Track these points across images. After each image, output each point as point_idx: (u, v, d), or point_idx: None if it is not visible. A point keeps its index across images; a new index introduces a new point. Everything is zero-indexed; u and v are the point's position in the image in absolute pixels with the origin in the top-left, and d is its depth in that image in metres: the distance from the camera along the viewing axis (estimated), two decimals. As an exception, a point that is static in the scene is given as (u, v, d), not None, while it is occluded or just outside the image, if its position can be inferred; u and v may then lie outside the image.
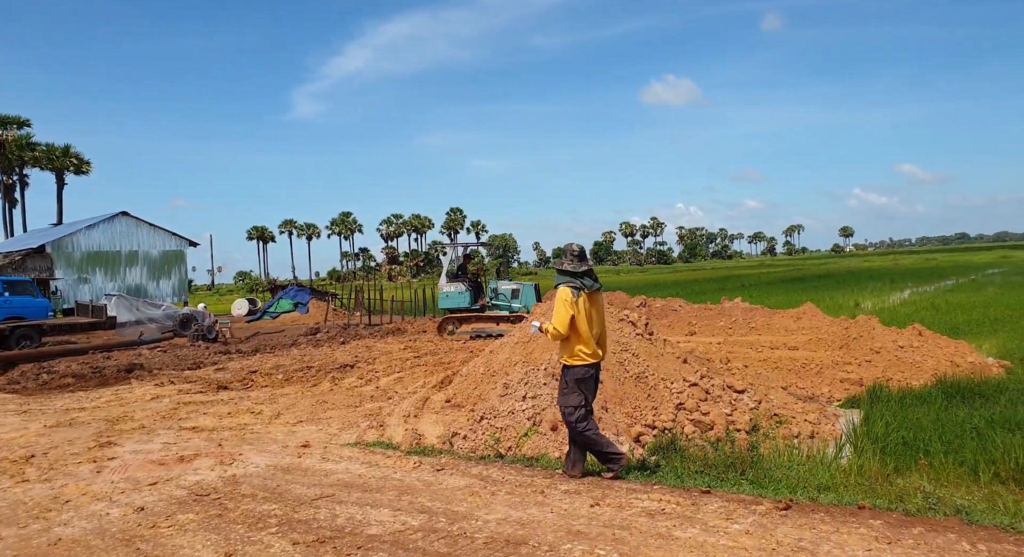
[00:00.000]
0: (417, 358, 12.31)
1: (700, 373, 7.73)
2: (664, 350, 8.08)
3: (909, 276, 39.24)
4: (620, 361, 7.66)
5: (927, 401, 7.55)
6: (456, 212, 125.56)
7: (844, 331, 11.12)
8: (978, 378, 8.28)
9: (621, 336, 8.07)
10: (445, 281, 16.27)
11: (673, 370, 7.69)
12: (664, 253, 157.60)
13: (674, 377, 7.53)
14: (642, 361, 7.67)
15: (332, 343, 15.54)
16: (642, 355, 7.79)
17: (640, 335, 8.17)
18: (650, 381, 7.42)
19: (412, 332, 18.24)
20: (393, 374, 10.40)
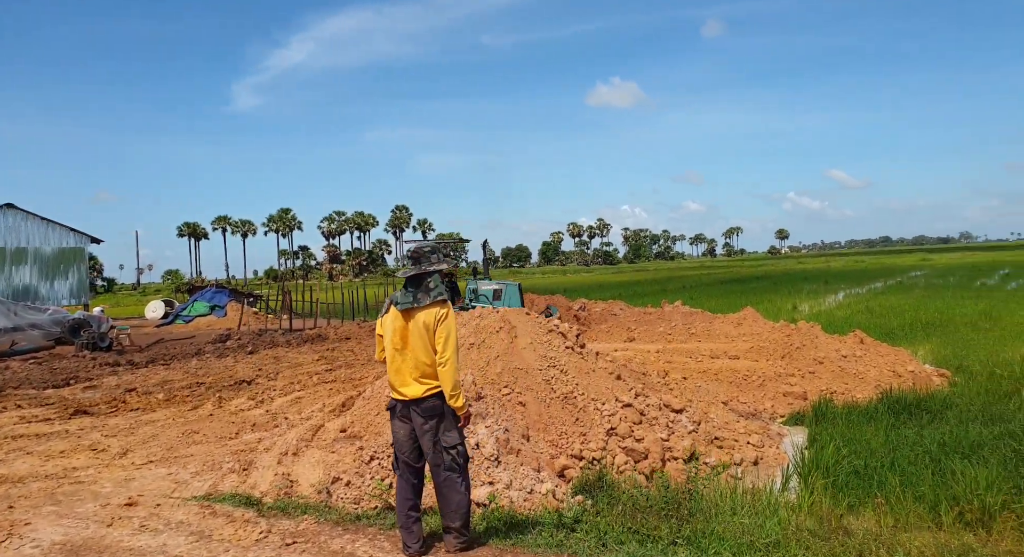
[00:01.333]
0: (329, 371, 11.09)
1: (635, 391, 6.84)
2: (596, 365, 7.15)
3: (841, 278, 39.97)
4: (547, 379, 6.70)
5: (873, 418, 6.90)
6: (402, 210, 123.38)
7: (786, 339, 10.48)
8: (921, 391, 7.69)
9: (549, 350, 7.11)
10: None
11: (605, 388, 6.77)
12: (610, 254, 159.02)
13: (606, 397, 6.61)
14: (571, 379, 6.73)
15: (239, 353, 14.12)
16: (571, 371, 6.85)
17: (570, 348, 7.23)
18: (579, 402, 6.48)
19: (335, 339, 16.91)
20: (292, 393, 9.18)
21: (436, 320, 3.71)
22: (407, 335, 3.73)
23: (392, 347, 3.77)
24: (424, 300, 3.72)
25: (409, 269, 3.83)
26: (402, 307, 3.73)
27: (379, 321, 3.91)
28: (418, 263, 3.82)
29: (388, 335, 3.79)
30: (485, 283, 14.97)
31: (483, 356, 7.02)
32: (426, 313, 3.72)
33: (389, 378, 3.85)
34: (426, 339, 3.70)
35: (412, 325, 3.72)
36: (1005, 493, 4.42)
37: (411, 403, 3.74)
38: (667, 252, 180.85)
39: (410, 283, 3.78)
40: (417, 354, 3.71)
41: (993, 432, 5.73)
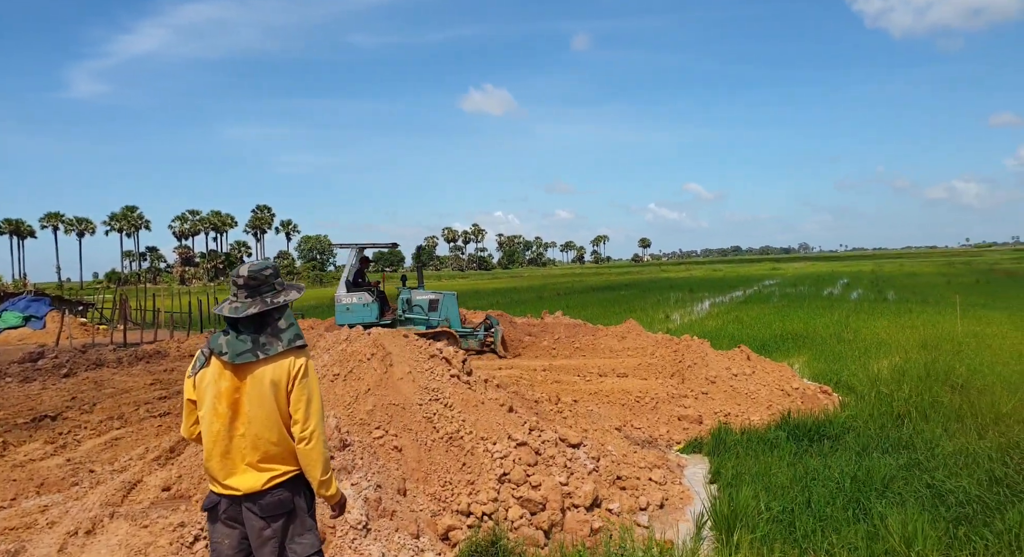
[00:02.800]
0: (163, 400, 9.34)
1: (529, 425, 5.96)
2: (486, 395, 6.20)
3: (703, 286, 41.88)
4: (428, 416, 5.67)
5: (775, 445, 6.48)
6: (264, 210, 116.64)
7: (673, 354, 10.10)
8: (817, 414, 7.44)
9: (431, 380, 6.08)
10: (344, 290, 13.14)
11: (496, 424, 5.83)
12: (485, 259, 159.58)
13: (497, 434, 5.68)
14: (457, 414, 5.73)
15: (52, 375, 11.81)
16: (457, 405, 5.85)
17: (456, 377, 6.23)
18: (466, 443, 5.49)
19: (176, 356, 14.77)
20: (109, 432, 7.47)
21: (291, 376, 2.55)
22: (240, 401, 2.53)
23: (216, 419, 2.54)
24: (272, 347, 2.54)
25: (243, 303, 2.57)
26: (237, 359, 2.51)
27: (190, 380, 2.66)
28: (256, 293, 2.58)
29: (208, 401, 2.56)
30: (419, 293, 13.51)
31: (351, 390, 5.86)
32: (275, 367, 2.54)
33: (207, 465, 2.61)
34: (272, 405, 2.53)
35: (250, 385, 2.53)
36: (941, 552, 3.98)
37: (245, 499, 2.56)
38: (539, 258, 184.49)
39: (244, 323, 2.56)
40: (256, 428, 2.53)
41: (899, 461, 5.41)
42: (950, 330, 13.79)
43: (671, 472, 6.35)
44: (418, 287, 13.76)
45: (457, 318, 13.37)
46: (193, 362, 2.66)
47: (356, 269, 13.50)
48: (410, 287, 13.69)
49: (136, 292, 28.28)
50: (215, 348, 2.56)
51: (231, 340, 2.55)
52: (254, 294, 2.58)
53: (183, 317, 23.47)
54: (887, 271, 52.90)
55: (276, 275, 2.65)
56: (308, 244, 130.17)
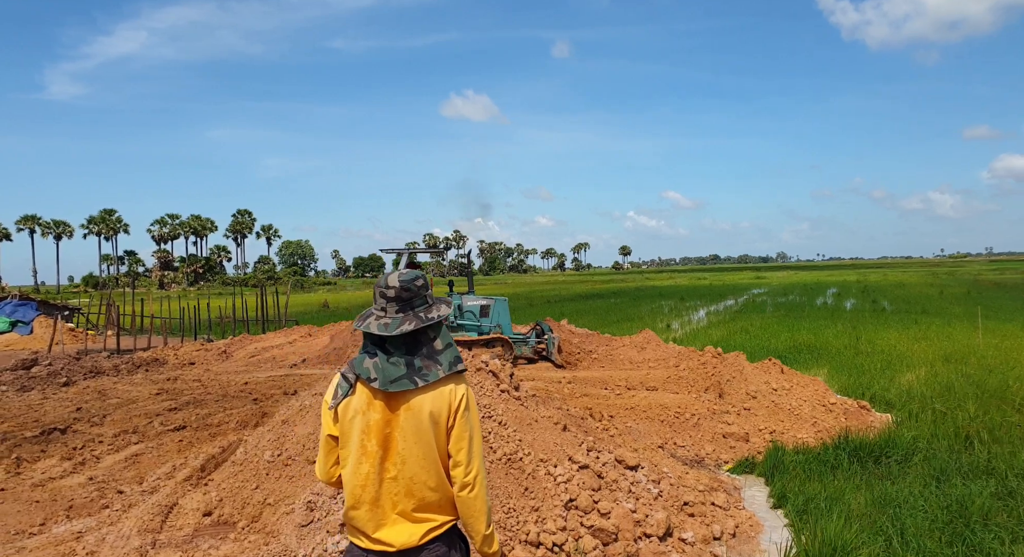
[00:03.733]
0: (174, 411, 8.88)
1: (586, 445, 5.66)
2: (538, 413, 5.88)
3: (693, 295, 41.92)
4: (483, 436, 5.30)
5: (835, 466, 6.23)
6: (244, 214, 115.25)
7: (702, 366, 9.85)
8: (869, 431, 7.21)
9: (481, 395, 5.74)
10: None
11: (553, 444, 5.52)
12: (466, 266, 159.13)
13: (556, 456, 5.36)
14: (512, 433, 5.40)
15: (49, 384, 11.26)
16: (511, 424, 5.52)
17: (506, 392, 5.90)
18: (526, 465, 5.16)
19: (175, 364, 14.25)
20: (127, 447, 7.02)
21: (453, 409, 2.14)
22: (392, 436, 2.12)
23: (365, 459, 2.12)
24: (432, 373, 2.12)
25: (394, 319, 2.14)
26: (391, 386, 2.08)
27: (330, 410, 2.19)
28: (409, 307, 2.16)
29: (354, 437, 2.13)
30: (470, 298, 12.98)
31: (400, 406, 5.51)
32: (435, 397, 2.12)
33: (352, 514, 2.16)
34: (431, 443, 2.12)
35: (405, 418, 2.11)
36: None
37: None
38: (521, 265, 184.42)
39: (394, 343, 2.13)
40: (411, 470, 2.12)
41: (988, 489, 5.15)
42: (967, 343, 13.71)
43: (727, 494, 6.08)
44: (468, 292, 13.29)
45: (509, 324, 13.02)
46: (332, 388, 2.21)
47: None
48: (459, 292, 13.28)
49: (123, 296, 27.49)
50: (361, 373, 2.11)
51: (381, 363, 2.10)
52: (406, 308, 2.15)
53: (173, 323, 22.83)
54: (873, 281, 53.37)
55: (427, 287, 2.25)
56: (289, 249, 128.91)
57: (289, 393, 10.12)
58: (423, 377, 2.11)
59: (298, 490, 5.00)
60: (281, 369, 12.99)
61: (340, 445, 2.19)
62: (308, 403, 5.93)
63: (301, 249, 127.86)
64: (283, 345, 16.54)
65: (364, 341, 2.20)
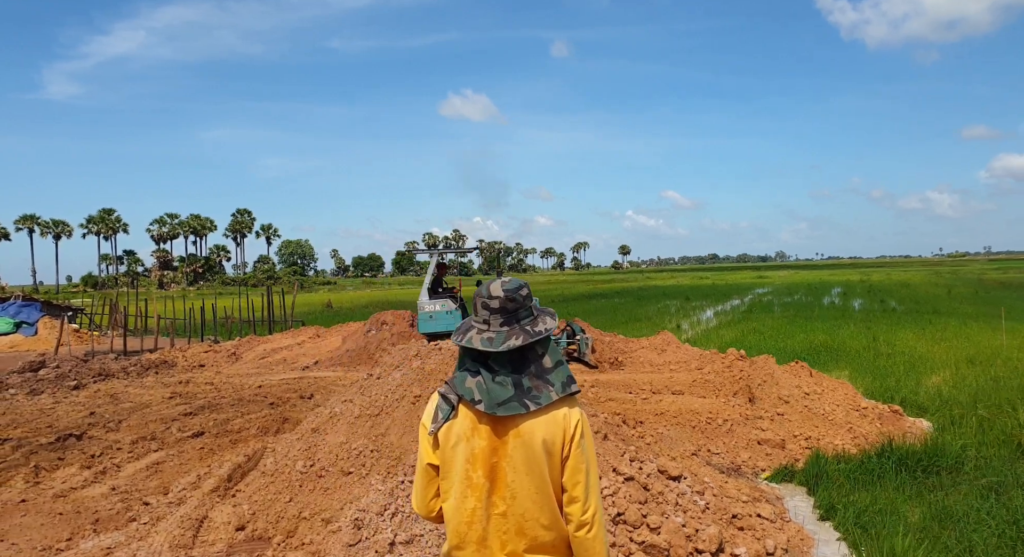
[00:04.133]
0: (190, 416, 8.67)
1: (628, 455, 5.46)
2: (575, 423, 5.68)
3: (697, 295, 41.75)
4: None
5: (881, 476, 6.03)
6: (244, 214, 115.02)
7: (727, 369, 9.66)
8: (905, 436, 7.02)
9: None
10: (426, 298, 12.46)
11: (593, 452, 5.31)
12: (465, 265, 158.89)
13: (600, 467, 5.15)
14: (551, 445, 5.19)
15: (59, 387, 11.05)
16: (550, 435, 5.31)
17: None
18: (569, 479, 4.94)
19: (185, 366, 14.03)
20: (147, 454, 6.81)
21: (568, 437, 1.88)
22: (500, 467, 1.88)
23: (471, 493, 1.89)
24: (544, 395, 1.86)
25: (498, 333, 1.89)
26: (499, 410, 1.84)
27: (428, 436, 1.95)
28: (514, 320, 1.91)
29: (458, 467, 1.90)
30: None
31: (436, 414, 5.30)
32: (547, 423, 1.87)
33: (454, 555, 1.94)
34: (543, 475, 1.86)
35: (514, 446, 1.86)
36: None
37: None
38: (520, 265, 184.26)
39: (498, 360, 1.88)
40: (522, 506, 1.87)
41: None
42: (989, 344, 13.53)
43: (774, 506, 5.88)
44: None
45: None
46: (431, 410, 1.96)
47: (435, 275, 12.94)
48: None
49: (127, 296, 27.25)
50: (464, 393, 1.87)
51: (486, 383, 1.86)
52: (511, 321, 1.90)
53: (178, 323, 22.61)
54: (876, 280, 53.21)
55: (532, 296, 2.01)
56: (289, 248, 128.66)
57: (305, 397, 9.92)
58: (534, 400, 1.85)
59: (334, 503, 4.80)
60: (293, 371, 12.78)
61: (441, 475, 1.95)
62: (339, 410, 5.72)
63: (301, 249, 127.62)
64: (292, 347, 16.33)
65: (461, 357, 1.98)
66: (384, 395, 5.60)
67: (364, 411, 5.50)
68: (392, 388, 5.68)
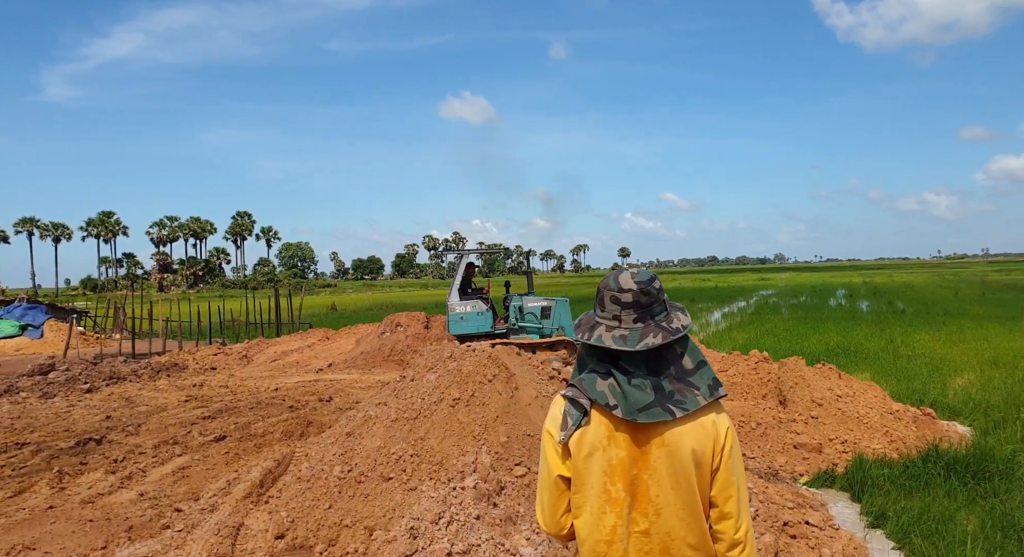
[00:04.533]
0: (209, 420, 8.51)
1: (674, 462, 5.30)
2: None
3: (701, 297, 41.59)
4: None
5: (928, 482, 5.87)
6: (244, 216, 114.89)
7: (754, 371, 9.52)
8: (943, 440, 6.87)
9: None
10: (456, 299, 12.26)
11: (640, 460, 5.16)
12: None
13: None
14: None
15: (72, 390, 10.88)
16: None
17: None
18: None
19: (196, 369, 13.86)
20: (171, 459, 6.64)
21: (719, 447, 1.70)
22: (641, 479, 1.70)
23: (609, 508, 1.71)
24: (690, 400, 1.68)
25: (632, 330, 1.69)
26: (641, 416, 1.65)
27: (556, 445, 1.77)
28: (648, 315, 1.71)
29: (594, 480, 1.72)
30: (531, 299, 12.65)
31: (476, 418, 5.15)
32: (695, 431, 1.68)
33: None
34: (692, 489, 1.68)
35: (658, 457, 1.68)
36: None
37: None
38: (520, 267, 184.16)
39: (632, 361, 1.69)
40: (668, 523, 1.69)
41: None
42: (1009, 346, 13.40)
43: (820, 513, 5.72)
44: (528, 293, 12.99)
45: (571, 326, 12.70)
46: (557, 416, 1.77)
47: (465, 276, 12.78)
48: (520, 293, 13.02)
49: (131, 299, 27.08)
50: (597, 397, 1.69)
51: (621, 386, 1.67)
52: (645, 316, 1.71)
53: (185, 326, 22.42)
54: (879, 282, 53.11)
55: (661, 290, 1.79)
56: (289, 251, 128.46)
57: (324, 399, 9.76)
58: (679, 405, 1.67)
59: (376, 510, 4.64)
60: (308, 374, 12.62)
61: (573, 488, 1.77)
62: (373, 414, 5.56)
63: (301, 251, 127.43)
64: (302, 349, 16.17)
65: (583, 357, 1.79)
66: (420, 398, 5.44)
67: (401, 414, 5.34)
68: (428, 390, 5.52)
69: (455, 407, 5.25)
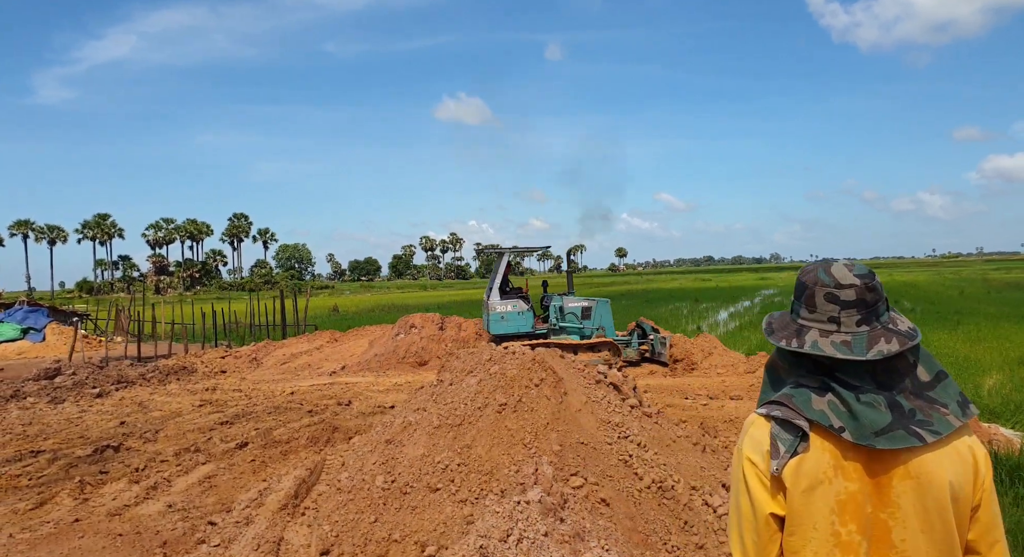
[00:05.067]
0: (227, 425, 8.24)
1: (727, 467, 5.06)
2: (673, 432, 5.29)
3: (704, 296, 41.42)
4: (623, 459, 4.75)
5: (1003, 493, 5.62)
6: (240, 218, 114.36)
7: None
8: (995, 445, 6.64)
9: (610, 413, 5.16)
10: (497, 298, 12.07)
11: (698, 467, 4.93)
12: (462, 268, 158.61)
13: (707, 482, 4.76)
14: (654, 457, 4.81)
15: (81, 395, 10.58)
16: (651, 445, 4.93)
17: (634, 408, 5.31)
18: (680, 495, 4.56)
19: (206, 373, 13.57)
20: (195, 467, 6.37)
21: (981, 479, 1.40)
22: (880, 520, 1.39)
23: (836, 551, 1.40)
24: (939, 421, 1.36)
25: (858, 335, 1.40)
26: (880, 442, 1.33)
27: (761, 475, 1.42)
28: (874, 317, 1.42)
29: (818, 518, 1.39)
30: (571, 299, 12.48)
31: (526, 425, 4.90)
32: (951, 459, 1.37)
33: None
34: (950, 532, 1.37)
35: (902, 492, 1.37)
36: None
37: None
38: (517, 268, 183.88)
39: (856, 373, 1.39)
40: None
41: None
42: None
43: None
44: (568, 293, 12.69)
45: (612, 326, 12.56)
46: (763, 440, 1.43)
47: (504, 274, 12.58)
48: (559, 293, 12.75)
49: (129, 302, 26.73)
50: (817, 418, 1.37)
51: (846, 404, 1.37)
52: (871, 318, 1.42)
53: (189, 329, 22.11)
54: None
55: (880, 286, 1.48)
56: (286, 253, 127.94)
57: (343, 403, 9.50)
58: (926, 427, 1.35)
59: (425, 524, 4.39)
60: (322, 377, 12.34)
61: (789, 530, 1.44)
62: (413, 420, 5.31)
63: (299, 253, 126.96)
64: (311, 351, 15.88)
65: (789, 366, 1.48)
66: (463, 403, 5.19)
67: (444, 421, 5.09)
68: (470, 396, 5.27)
69: (502, 413, 5.00)
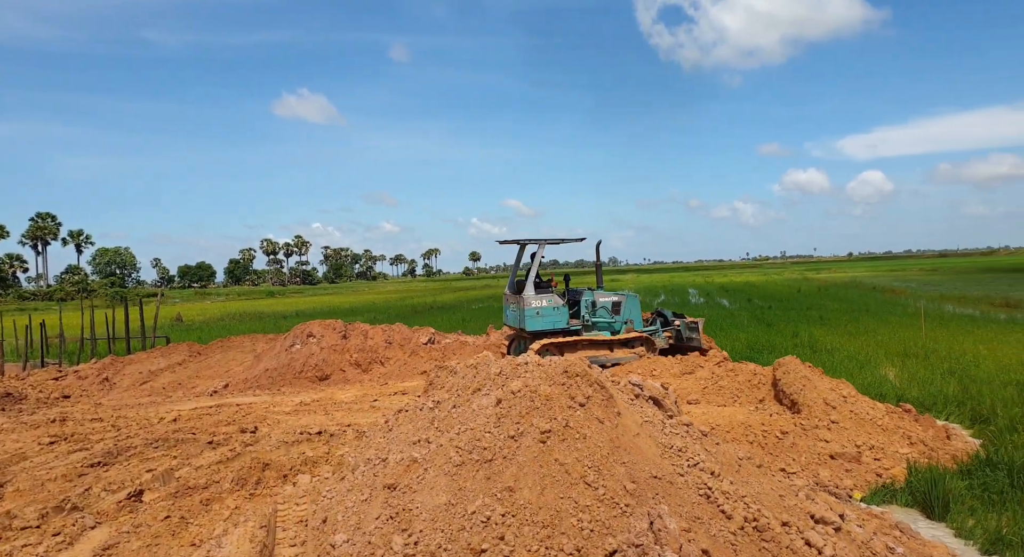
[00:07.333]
0: (101, 467, 6.37)
1: (803, 492, 4.40)
2: (732, 451, 4.53)
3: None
4: (701, 493, 3.93)
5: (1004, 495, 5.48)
6: (46, 218, 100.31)
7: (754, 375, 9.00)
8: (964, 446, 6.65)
9: (665, 434, 4.31)
10: (532, 292, 11.13)
11: (775, 495, 4.21)
12: (309, 273, 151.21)
13: (793, 514, 4.04)
14: (732, 487, 4.01)
15: None
16: (723, 473, 4.12)
17: (688, 426, 4.49)
18: (776, 534, 3.79)
19: (41, 399, 10.95)
20: (82, 533, 4.64)
21: None
22: None
23: None
24: None
25: None
26: None
27: None
28: None
29: None
30: (602, 294, 11.98)
31: (581, 456, 3.91)
32: None
33: None
34: None
35: None
36: None
37: None
38: (369, 272, 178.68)
39: None
40: None
41: None
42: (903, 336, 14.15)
43: (914, 539, 5.08)
44: (598, 288, 12.24)
45: (640, 320, 12.10)
46: None
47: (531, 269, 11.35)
48: (588, 288, 12.23)
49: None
50: None
51: None
52: None
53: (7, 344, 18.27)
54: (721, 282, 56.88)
55: None
56: (106, 257, 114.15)
57: (247, 430, 7.84)
58: None
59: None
60: (201, 398, 10.33)
61: None
62: (419, 456, 4.11)
63: (120, 257, 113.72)
64: (173, 368, 13.52)
65: None
66: (486, 432, 4.07)
67: (467, 456, 3.95)
68: (492, 421, 4.16)
69: (547, 443, 3.95)
